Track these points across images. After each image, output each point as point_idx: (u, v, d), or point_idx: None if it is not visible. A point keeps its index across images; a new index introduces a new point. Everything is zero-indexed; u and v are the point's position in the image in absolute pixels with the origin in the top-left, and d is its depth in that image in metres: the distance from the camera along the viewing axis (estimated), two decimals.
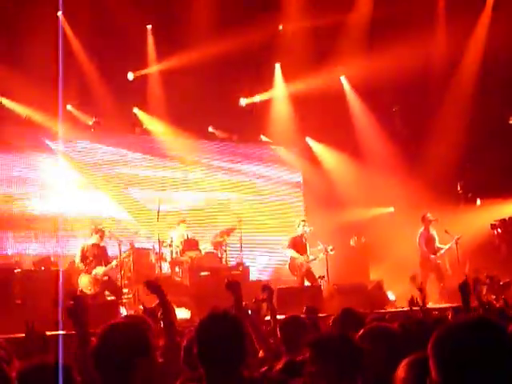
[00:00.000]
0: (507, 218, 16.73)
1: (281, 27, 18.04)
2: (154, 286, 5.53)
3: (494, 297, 12.41)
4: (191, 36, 16.00)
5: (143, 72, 17.28)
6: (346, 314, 5.93)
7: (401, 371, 3.23)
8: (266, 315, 7.28)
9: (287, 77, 18.75)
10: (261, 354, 5.70)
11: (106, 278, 13.49)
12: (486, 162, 17.43)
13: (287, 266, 15.58)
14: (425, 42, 16.97)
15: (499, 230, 16.60)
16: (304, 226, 15.50)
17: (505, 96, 17.09)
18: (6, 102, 15.75)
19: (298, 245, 15.35)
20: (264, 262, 18.41)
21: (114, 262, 13.74)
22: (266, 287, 7.06)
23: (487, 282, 12.97)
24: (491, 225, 16.61)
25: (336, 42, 17.44)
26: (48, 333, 6.74)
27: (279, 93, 19.06)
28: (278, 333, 5.86)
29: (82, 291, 13.16)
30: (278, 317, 6.97)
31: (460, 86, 17.63)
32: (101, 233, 13.87)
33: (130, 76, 17.17)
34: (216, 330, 3.64)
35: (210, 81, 16.69)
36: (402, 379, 3.19)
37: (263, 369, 5.02)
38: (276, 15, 17.71)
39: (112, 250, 14.83)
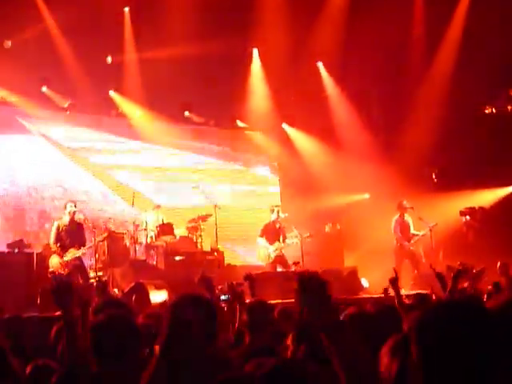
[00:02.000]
0: (476, 207, 16.89)
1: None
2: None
3: (467, 284, 12.53)
4: (168, 19, 15.90)
5: (120, 55, 17.14)
6: None
7: (384, 357, 3.26)
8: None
9: (264, 62, 18.72)
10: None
11: (77, 262, 13.39)
12: (461, 150, 17.52)
13: (256, 254, 15.64)
14: (403, 29, 17.03)
15: (467, 217, 16.75)
16: (278, 212, 15.53)
17: (481, 85, 17.15)
18: None
19: (269, 232, 15.37)
20: (238, 247, 18.42)
21: (83, 250, 13.59)
22: (247, 276, 7.04)
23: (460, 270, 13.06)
24: (460, 211, 16.75)
25: (313, 25, 17.41)
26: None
27: (256, 77, 19.01)
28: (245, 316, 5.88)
29: (52, 272, 13.06)
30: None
31: (436, 74, 17.69)
32: (72, 211, 13.69)
33: (109, 60, 17.04)
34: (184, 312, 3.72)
35: (186, 65, 16.60)
36: (386, 364, 3.22)
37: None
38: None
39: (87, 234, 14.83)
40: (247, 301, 6.36)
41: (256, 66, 18.93)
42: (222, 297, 8.16)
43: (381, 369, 3.24)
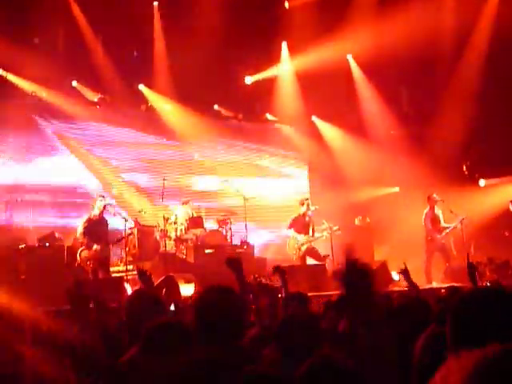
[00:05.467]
0: None
1: (287, 4, 17.89)
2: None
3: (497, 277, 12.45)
4: (197, 14, 15.91)
5: (150, 49, 17.18)
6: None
7: (418, 346, 3.27)
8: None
9: (294, 55, 18.65)
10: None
11: (104, 254, 13.55)
12: (493, 143, 17.37)
13: (287, 246, 15.61)
14: (433, 19, 16.84)
15: None
16: (307, 205, 15.48)
17: None
18: (11, 77, 15.68)
19: (299, 224, 15.33)
20: (268, 240, 18.41)
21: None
22: (277, 268, 6.87)
23: (486, 263, 12.99)
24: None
25: (343, 19, 17.28)
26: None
27: (285, 71, 18.97)
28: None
29: (79, 265, 13.20)
30: None
31: (467, 66, 17.52)
32: (103, 205, 13.83)
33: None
34: (217, 302, 3.69)
35: (215, 59, 16.61)
36: (419, 354, 3.23)
37: None
38: None
39: (116, 227, 14.95)
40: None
41: (286, 59, 18.87)
42: None
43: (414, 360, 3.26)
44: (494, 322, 2.14)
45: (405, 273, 6.80)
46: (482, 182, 17.68)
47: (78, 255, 13.30)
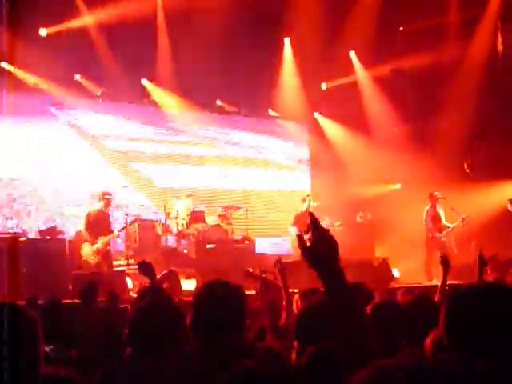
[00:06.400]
0: None
1: None
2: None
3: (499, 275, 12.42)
4: (200, 9, 15.88)
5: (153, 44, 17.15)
6: (355, 287, 5.87)
7: (427, 346, 3.30)
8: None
9: (296, 51, 18.64)
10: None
11: (108, 247, 13.64)
12: (495, 141, 17.35)
13: (289, 244, 15.62)
14: (438, 15, 16.84)
15: None
16: (309, 201, 15.49)
17: None
18: (12, 69, 15.64)
19: (301, 221, 15.33)
20: (269, 235, 18.41)
21: (113, 234, 13.88)
22: (277, 262, 6.96)
23: (489, 261, 12.96)
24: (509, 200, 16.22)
25: (346, 15, 17.27)
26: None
27: (288, 67, 18.94)
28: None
29: (85, 261, 13.26)
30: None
31: (472, 63, 17.49)
32: (107, 200, 13.87)
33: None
34: (214, 297, 3.64)
35: (218, 53, 16.60)
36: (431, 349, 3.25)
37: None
38: None
39: (118, 222, 14.96)
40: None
41: (288, 55, 18.86)
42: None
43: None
44: (489, 317, 2.14)
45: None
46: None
47: (81, 250, 13.36)
